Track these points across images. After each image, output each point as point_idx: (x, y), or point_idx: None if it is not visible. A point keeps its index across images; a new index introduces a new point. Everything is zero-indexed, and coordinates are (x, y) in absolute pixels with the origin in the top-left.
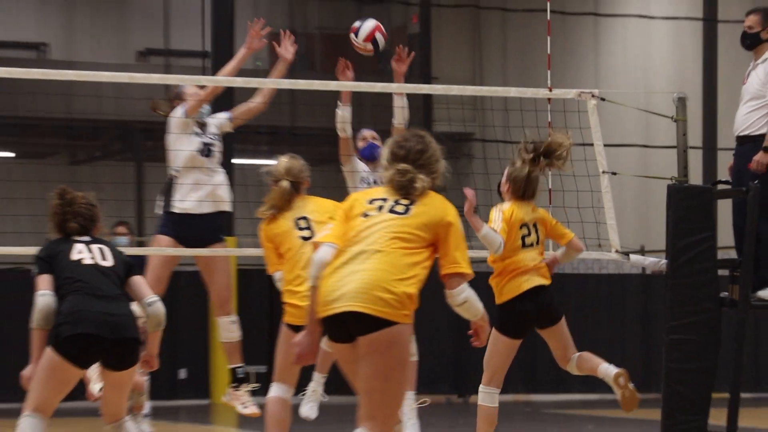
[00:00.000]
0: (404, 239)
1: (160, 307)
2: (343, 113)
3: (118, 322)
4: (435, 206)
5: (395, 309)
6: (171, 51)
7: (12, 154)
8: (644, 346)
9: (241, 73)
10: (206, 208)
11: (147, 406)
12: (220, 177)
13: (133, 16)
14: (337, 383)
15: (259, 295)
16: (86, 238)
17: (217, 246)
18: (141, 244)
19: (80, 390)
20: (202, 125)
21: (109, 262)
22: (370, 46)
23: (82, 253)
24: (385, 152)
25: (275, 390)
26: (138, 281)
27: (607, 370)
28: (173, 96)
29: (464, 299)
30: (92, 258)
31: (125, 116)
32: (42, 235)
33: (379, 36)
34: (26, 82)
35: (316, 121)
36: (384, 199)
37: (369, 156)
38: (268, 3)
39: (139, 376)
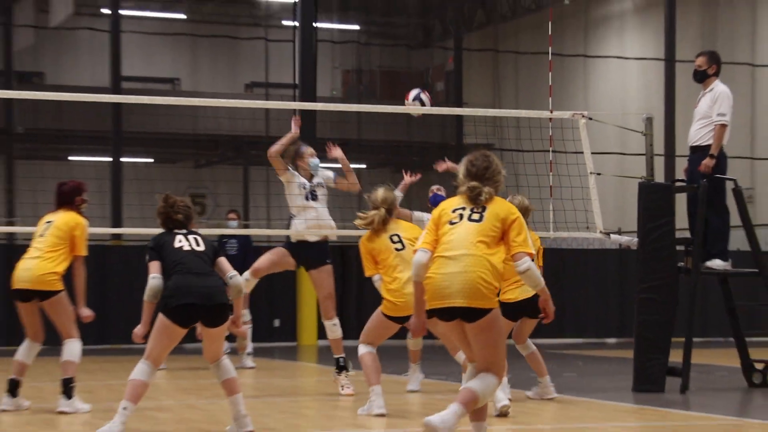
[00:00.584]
0: (484, 241)
1: (239, 280)
2: (397, 195)
3: (211, 292)
4: (500, 209)
5: (489, 299)
6: (269, 83)
7: (151, 160)
8: (620, 303)
9: (319, 99)
10: (314, 238)
11: (250, 346)
12: (325, 214)
13: (241, 57)
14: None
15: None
16: (184, 231)
17: (322, 268)
18: (246, 227)
19: (191, 336)
20: (311, 176)
21: (201, 247)
22: (417, 104)
23: (181, 242)
24: (461, 168)
25: (366, 348)
26: (223, 261)
27: (548, 387)
28: (293, 154)
29: (527, 268)
30: (189, 245)
31: (236, 132)
32: None
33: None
34: (163, 107)
35: (376, 135)
36: (463, 208)
37: (434, 203)
38: (341, 48)
39: (242, 326)
